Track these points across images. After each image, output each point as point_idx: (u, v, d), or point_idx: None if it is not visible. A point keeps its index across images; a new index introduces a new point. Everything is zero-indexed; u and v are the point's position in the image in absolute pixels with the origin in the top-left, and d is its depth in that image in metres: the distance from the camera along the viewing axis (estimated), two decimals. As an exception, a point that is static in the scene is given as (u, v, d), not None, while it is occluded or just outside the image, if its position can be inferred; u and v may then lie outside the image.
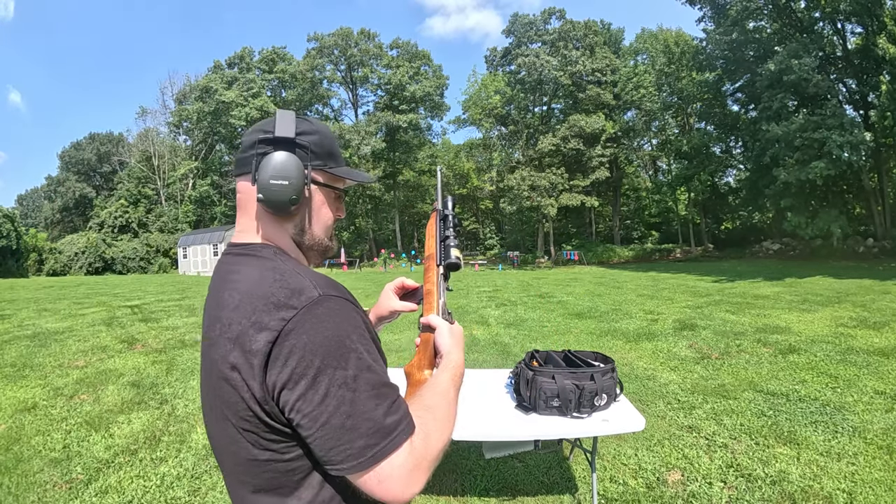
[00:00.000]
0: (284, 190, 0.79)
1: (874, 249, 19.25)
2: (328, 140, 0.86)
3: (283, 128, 0.81)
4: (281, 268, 0.75)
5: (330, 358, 0.65)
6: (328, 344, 0.66)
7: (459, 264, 0.97)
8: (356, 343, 0.68)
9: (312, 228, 0.87)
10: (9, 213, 35.60)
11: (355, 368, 0.66)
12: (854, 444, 2.94)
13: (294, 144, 0.82)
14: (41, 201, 58.52)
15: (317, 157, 0.84)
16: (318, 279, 0.74)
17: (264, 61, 40.87)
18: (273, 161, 0.79)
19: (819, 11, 19.41)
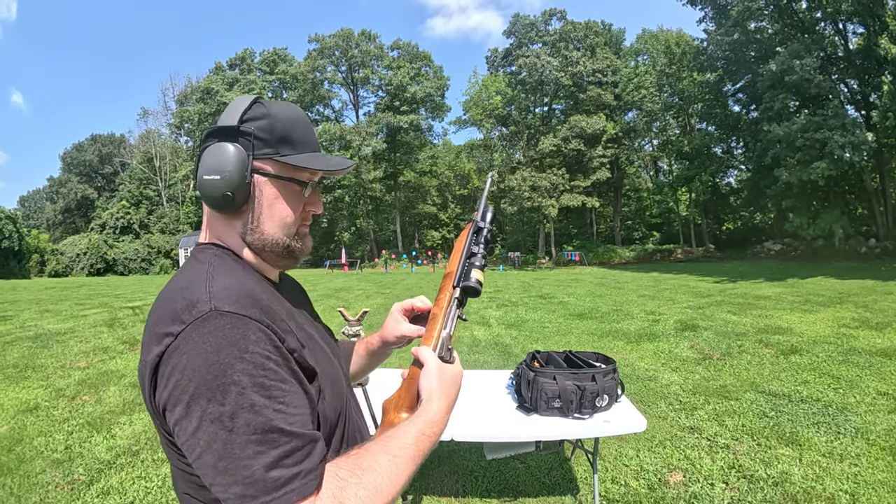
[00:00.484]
0: (216, 185, 0.71)
1: (876, 250, 19.20)
2: (283, 123, 0.75)
3: (227, 116, 0.74)
4: (201, 273, 0.67)
5: (204, 388, 0.56)
6: (205, 371, 0.56)
7: (478, 290, 0.83)
8: (240, 375, 0.56)
9: (262, 227, 0.75)
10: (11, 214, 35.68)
11: (234, 405, 0.55)
12: (857, 446, 2.93)
13: (236, 133, 0.73)
14: (43, 202, 58.67)
15: (265, 145, 0.74)
16: (224, 290, 0.63)
17: (265, 62, 40.93)
18: (207, 155, 0.73)
19: (821, 12, 19.39)
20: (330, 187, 35.56)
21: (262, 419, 0.56)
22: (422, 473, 2.83)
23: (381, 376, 2.99)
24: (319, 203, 0.82)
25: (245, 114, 0.74)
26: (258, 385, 0.57)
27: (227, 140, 0.73)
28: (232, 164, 0.71)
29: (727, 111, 27.24)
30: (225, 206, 0.73)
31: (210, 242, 0.77)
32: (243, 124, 0.73)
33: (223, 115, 0.75)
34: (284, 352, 0.63)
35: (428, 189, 40.48)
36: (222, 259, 0.73)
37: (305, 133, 0.78)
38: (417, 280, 19.50)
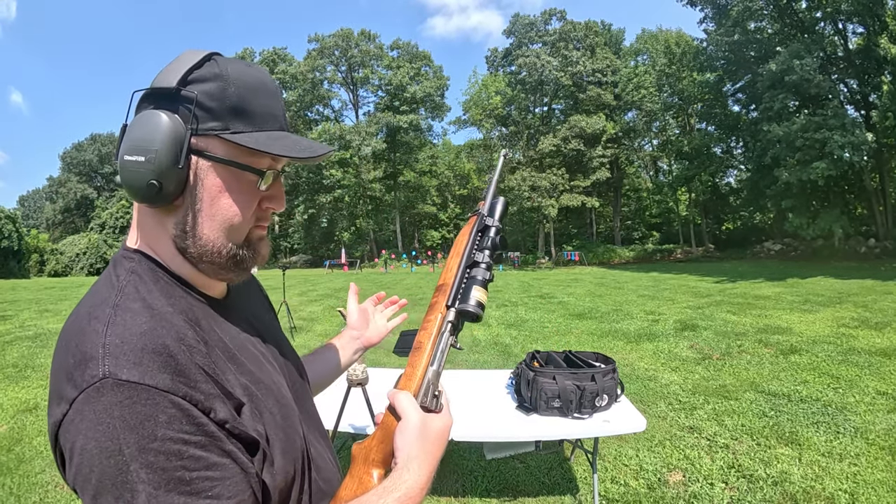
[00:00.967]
0: (138, 170, 0.53)
1: (876, 250, 19.21)
2: (239, 88, 0.55)
3: (167, 74, 0.54)
4: (104, 305, 0.52)
5: (108, 483, 0.44)
6: (105, 462, 0.44)
7: (479, 315, 0.65)
8: (149, 472, 0.44)
9: (201, 228, 0.56)
10: (10, 213, 35.69)
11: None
12: (856, 445, 2.93)
13: (174, 98, 0.54)
14: (43, 202, 58.66)
15: (211, 117, 0.54)
16: (123, 343, 0.47)
17: (265, 62, 40.87)
18: (131, 127, 0.54)
19: (820, 11, 19.40)
20: (329, 187, 35.56)
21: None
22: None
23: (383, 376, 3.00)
24: (281, 198, 0.62)
25: (191, 73, 0.54)
26: (175, 481, 0.44)
27: (162, 108, 0.54)
28: (162, 141, 0.52)
29: (727, 111, 27.25)
30: (151, 199, 0.54)
31: (135, 249, 0.59)
32: (186, 86, 0.54)
33: (162, 72, 0.55)
34: (211, 428, 0.48)
35: (428, 189, 40.47)
36: (140, 279, 0.55)
37: (269, 104, 0.58)
38: (417, 280, 19.50)
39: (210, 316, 0.60)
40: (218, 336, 0.58)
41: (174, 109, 0.53)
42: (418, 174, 39.10)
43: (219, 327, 0.60)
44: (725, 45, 22.14)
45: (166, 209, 0.56)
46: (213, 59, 0.56)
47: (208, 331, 0.57)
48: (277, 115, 0.59)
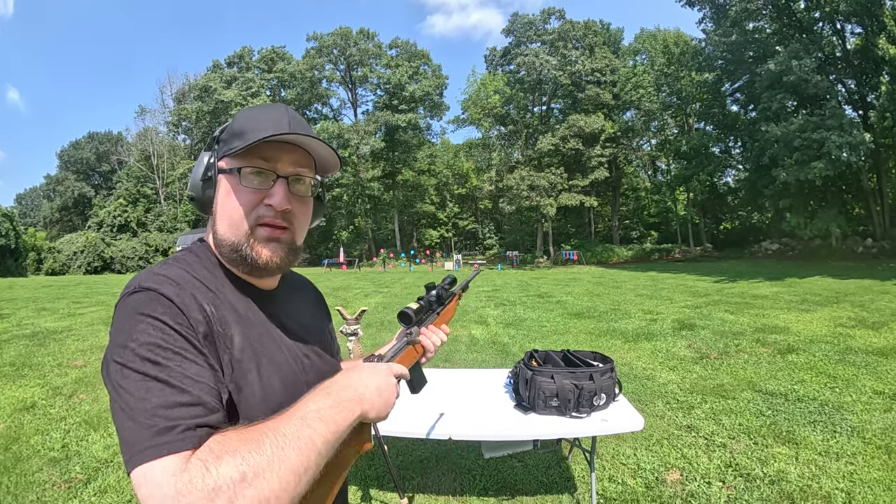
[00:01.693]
0: (191, 188, 0.77)
1: (873, 250, 19.27)
2: (242, 120, 0.75)
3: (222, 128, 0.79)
4: (165, 261, 0.72)
5: (113, 347, 0.60)
6: (115, 336, 0.61)
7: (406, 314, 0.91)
8: (139, 334, 0.59)
9: (217, 226, 0.75)
10: (8, 212, 35.58)
11: (127, 359, 0.58)
12: (852, 444, 2.94)
13: (212, 142, 0.79)
14: (40, 200, 58.49)
15: (224, 144, 0.76)
16: (157, 275, 0.66)
17: (263, 61, 40.83)
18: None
19: (819, 12, 19.43)
20: (328, 186, 35.33)
21: (152, 371, 0.57)
22: (420, 472, 2.83)
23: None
24: (279, 195, 0.72)
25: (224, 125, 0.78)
26: (152, 345, 0.58)
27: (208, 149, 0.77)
28: (198, 168, 0.75)
29: (725, 111, 27.30)
30: (198, 208, 0.78)
31: (201, 241, 0.80)
32: (221, 134, 0.77)
33: None
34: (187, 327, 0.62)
35: (426, 188, 40.46)
36: (192, 254, 0.75)
37: (266, 121, 0.73)
38: (416, 279, 19.50)
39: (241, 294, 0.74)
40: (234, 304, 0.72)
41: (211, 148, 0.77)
42: (417, 173, 39.08)
43: (244, 304, 0.74)
44: (724, 45, 22.17)
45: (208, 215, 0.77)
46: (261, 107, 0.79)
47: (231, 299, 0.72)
48: (276, 124, 0.73)
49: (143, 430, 0.54)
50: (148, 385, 0.56)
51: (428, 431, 2.18)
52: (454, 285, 0.98)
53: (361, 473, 2.80)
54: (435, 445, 3.06)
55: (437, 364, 5.23)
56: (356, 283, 17.89)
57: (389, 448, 2.95)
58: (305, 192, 0.78)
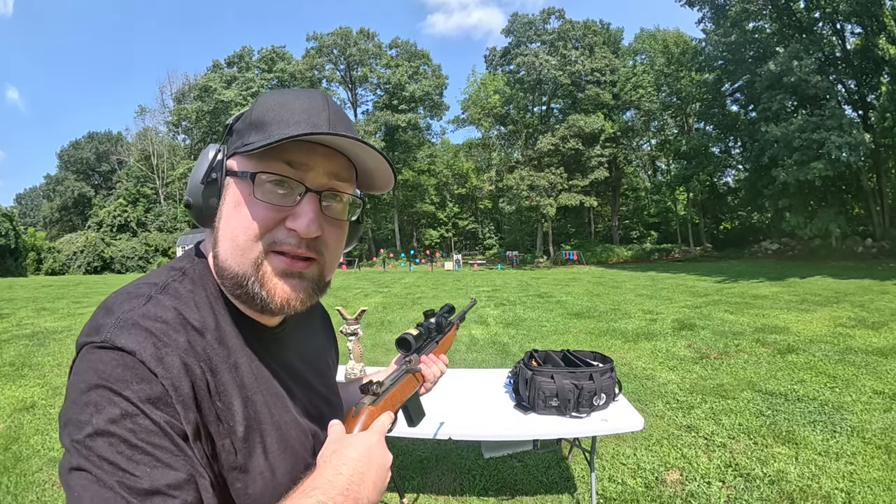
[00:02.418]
0: (188, 192, 0.58)
1: (873, 250, 19.27)
2: (268, 107, 0.55)
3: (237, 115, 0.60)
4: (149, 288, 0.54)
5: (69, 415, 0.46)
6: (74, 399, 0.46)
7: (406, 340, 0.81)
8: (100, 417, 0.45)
9: (217, 247, 0.56)
10: (7, 211, 35.60)
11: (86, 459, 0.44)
12: (852, 444, 2.94)
13: (224, 131, 0.60)
14: (40, 200, 58.48)
15: (237, 137, 0.57)
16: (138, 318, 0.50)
17: (263, 60, 40.84)
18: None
19: (818, 12, 19.43)
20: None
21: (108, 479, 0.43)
22: (420, 472, 2.83)
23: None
24: (305, 217, 0.54)
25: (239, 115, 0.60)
26: (116, 438, 0.44)
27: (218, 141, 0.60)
28: (199, 166, 0.57)
29: (725, 111, 27.30)
30: (195, 217, 0.59)
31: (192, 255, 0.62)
32: (237, 121, 0.59)
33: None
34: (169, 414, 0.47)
35: (426, 188, 40.47)
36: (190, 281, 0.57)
37: (298, 112, 0.54)
38: (416, 279, 19.50)
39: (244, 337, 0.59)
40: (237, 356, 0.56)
41: (224, 140, 0.59)
42: (417, 173, 39.08)
43: (247, 354, 0.58)
44: (723, 45, 22.17)
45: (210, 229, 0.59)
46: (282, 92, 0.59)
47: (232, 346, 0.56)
48: (311, 118, 0.54)
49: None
50: (104, 496, 0.42)
51: (428, 431, 2.18)
52: (452, 314, 0.94)
53: (361, 473, 2.80)
54: (435, 445, 3.06)
55: (437, 364, 5.23)
56: (356, 282, 17.89)
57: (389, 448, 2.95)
58: (341, 213, 0.60)
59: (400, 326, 7.59)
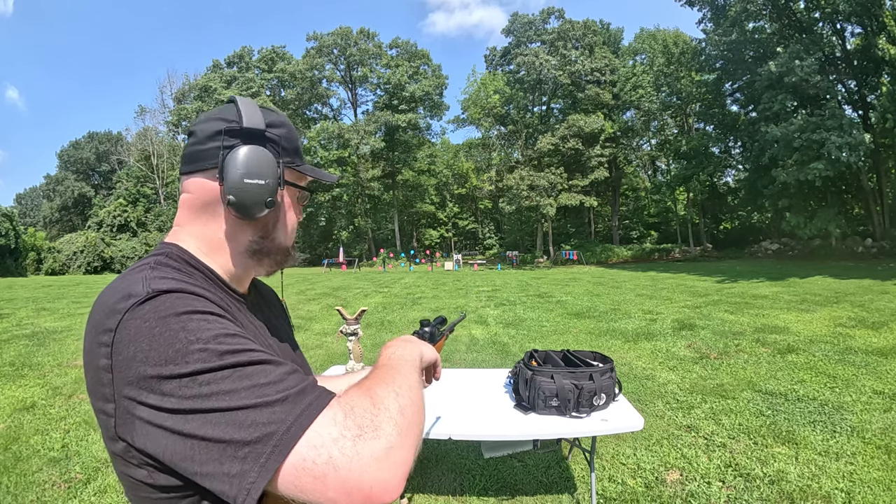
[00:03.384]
0: (260, 191, 0.68)
1: (873, 249, 19.28)
2: (294, 134, 0.77)
3: (251, 118, 0.69)
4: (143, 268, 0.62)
5: (168, 360, 0.50)
6: (159, 346, 0.50)
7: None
8: (196, 333, 0.52)
9: (276, 233, 0.75)
10: (7, 211, 35.60)
11: (202, 364, 0.49)
12: (852, 444, 2.94)
13: (265, 138, 0.71)
14: (40, 200, 58.46)
15: (286, 153, 0.74)
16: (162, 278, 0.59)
17: (263, 60, 40.85)
18: (247, 157, 0.68)
19: (818, 12, 19.43)
20: (328, 186, 35.51)
21: (243, 358, 0.51)
22: (420, 472, 2.83)
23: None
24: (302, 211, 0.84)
25: (266, 118, 0.72)
26: (224, 335, 0.53)
27: (258, 143, 0.70)
28: (272, 169, 0.70)
29: (725, 111, 27.29)
30: (260, 213, 0.70)
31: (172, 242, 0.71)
32: (269, 129, 0.72)
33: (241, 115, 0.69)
34: (225, 314, 0.59)
35: (426, 188, 40.48)
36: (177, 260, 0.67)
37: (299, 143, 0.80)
38: (416, 279, 19.50)
39: (239, 307, 0.72)
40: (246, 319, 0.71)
41: (264, 146, 0.70)
42: (417, 173, 39.10)
43: (240, 312, 0.71)
44: (723, 46, 22.17)
45: (255, 220, 0.71)
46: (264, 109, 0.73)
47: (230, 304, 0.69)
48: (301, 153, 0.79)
49: (275, 407, 0.48)
50: (247, 372, 0.50)
51: (428, 431, 2.18)
52: (444, 325, 1.05)
53: (361, 473, 2.80)
54: (435, 445, 3.06)
55: (437, 364, 5.23)
56: (356, 283, 17.88)
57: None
58: None
59: (400, 326, 7.59)
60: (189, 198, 0.71)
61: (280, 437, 0.46)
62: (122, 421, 0.52)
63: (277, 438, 0.46)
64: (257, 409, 0.48)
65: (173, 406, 0.48)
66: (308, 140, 38.06)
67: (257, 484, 0.46)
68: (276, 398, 0.49)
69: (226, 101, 0.75)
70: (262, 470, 0.46)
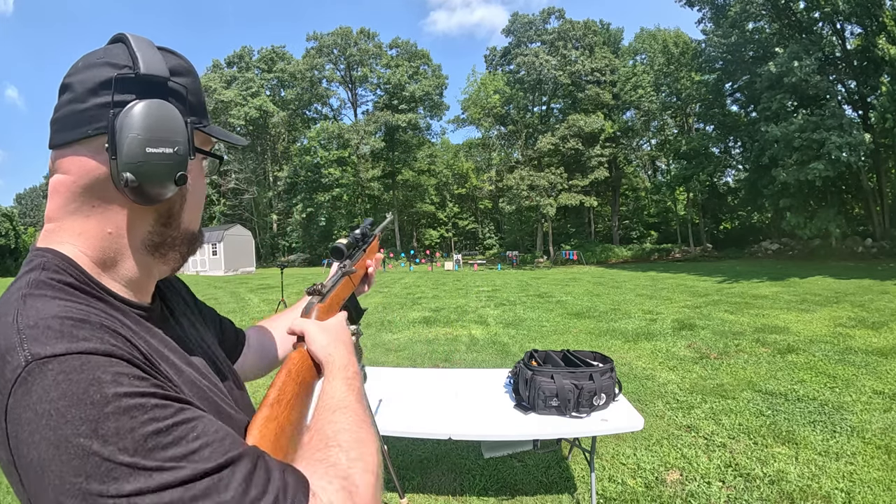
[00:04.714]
0: (168, 162, 0.51)
1: (873, 249, 19.27)
2: (199, 83, 0.60)
3: (149, 62, 0.52)
4: (11, 298, 0.46)
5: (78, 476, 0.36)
6: (70, 457, 0.36)
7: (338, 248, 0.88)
8: (111, 442, 0.37)
9: (182, 217, 0.58)
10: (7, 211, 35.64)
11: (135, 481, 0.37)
12: (852, 444, 2.94)
13: (167, 90, 0.53)
14: (40, 200, 58.46)
15: (191, 111, 0.55)
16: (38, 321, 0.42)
17: (263, 60, 40.86)
18: (148, 116, 0.50)
19: (818, 12, 19.43)
20: (328, 186, 35.57)
21: (187, 471, 0.39)
22: (420, 472, 2.83)
23: (382, 375, 3.00)
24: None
25: (168, 62, 0.54)
26: (151, 435, 0.39)
27: (162, 97, 0.52)
28: (182, 132, 0.52)
29: (725, 111, 27.29)
30: (168, 194, 0.53)
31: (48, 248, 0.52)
32: (173, 78, 0.54)
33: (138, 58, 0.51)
34: (160, 381, 0.44)
35: (426, 188, 40.47)
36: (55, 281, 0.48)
37: (202, 92, 0.61)
38: (415, 279, 19.50)
39: (138, 323, 0.53)
40: (146, 340, 0.52)
41: (168, 101, 0.52)
42: (417, 173, 39.10)
43: (147, 333, 0.54)
44: (723, 46, 22.17)
45: (158, 203, 0.54)
46: (162, 49, 0.56)
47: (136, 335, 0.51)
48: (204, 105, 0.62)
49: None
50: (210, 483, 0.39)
51: (428, 431, 2.18)
52: (375, 227, 1.09)
53: (361, 473, 2.80)
54: (435, 445, 3.06)
55: (437, 364, 5.23)
56: (356, 282, 17.86)
57: (389, 448, 2.94)
58: None
59: (400, 326, 7.59)
60: (64, 181, 0.51)
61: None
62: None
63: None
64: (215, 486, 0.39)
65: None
66: (308, 140, 38.07)
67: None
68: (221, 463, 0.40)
69: (109, 41, 0.55)
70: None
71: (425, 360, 5.41)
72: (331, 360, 0.64)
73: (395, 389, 2.70)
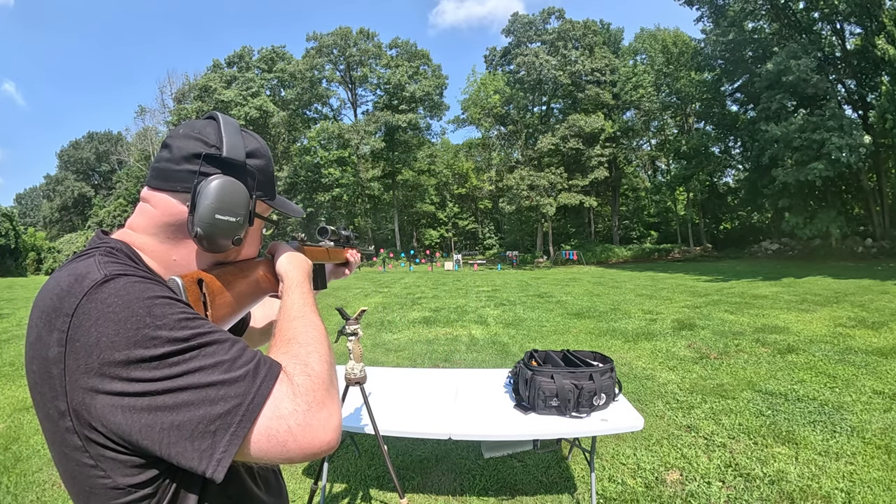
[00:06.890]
0: (231, 228, 0.67)
1: (873, 250, 19.27)
2: (271, 164, 0.76)
3: (232, 146, 0.67)
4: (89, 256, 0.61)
5: (130, 344, 0.51)
6: (122, 331, 0.51)
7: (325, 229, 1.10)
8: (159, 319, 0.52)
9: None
10: (7, 211, 35.61)
11: (165, 348, 0.51)
12: (852, 444, 2.94)
13: (243, 171, 0.69)
14: (40, 200, 58.47)
15: (261, 186, 0.73)
16: (117, 263, 0.59)
17: (263, 60, 40.83)
18: (222, 191, 0.65)
19: (818, 12, 19.44)
20: (328, 186, 35.58)
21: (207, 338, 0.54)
22: (420, 472, 2.83)
23: (382, 375, 3.00)
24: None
25: (247, 146, 0.70)
26: (182, 320, 0.54)
27: (235, 176, 0.67)
28: (245, 206, 0.68)
29: (725, 111, 27.30)
30: (225, 249, 0.69)
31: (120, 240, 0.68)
32: (249, 160, 0.70)
33: (223, 142, 0.67)
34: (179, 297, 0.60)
35: (426, 188, 40.48)
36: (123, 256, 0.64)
37: (273, 173, 0.79)
38: (415, 279, 19.50)
39: None
40: None
41: (241, 178, 0.68)
42: (417, 173, 39.09)
43: None
44: (723, 45, 22.18)
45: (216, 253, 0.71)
46: (245, 132, 0.72)
47: None
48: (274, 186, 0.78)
49: (238, 382, 0.52)
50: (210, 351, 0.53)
51: (428, 431, 2.18)
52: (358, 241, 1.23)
53: (361, 473, 2.80)
54: (435, 445, 3.06)
55: (437, 364, 5.23)
56: (356, 283, 17.88)
57: (389, 448, 2.94)
58: None
59: (400, 326, 7.58)
60: (152, 213, 0.67)
61: (245, 408, 0.52)
62: (80, 415, 0.52)
63: (244, 410, 0.52)
64: (224, 384, 0.52)
65: (142, 389, 0.50)
66: (308, 140, 38.04)
67: (229, 452, 0.51)
68: (238, 374, 0.53)
69: (205, 115, 0.71)
70: (232, 438, 0.51)
71: (425, 360, 5.41)
72: (289, 276, 0.76)
73: (394, 389, 2.70)
